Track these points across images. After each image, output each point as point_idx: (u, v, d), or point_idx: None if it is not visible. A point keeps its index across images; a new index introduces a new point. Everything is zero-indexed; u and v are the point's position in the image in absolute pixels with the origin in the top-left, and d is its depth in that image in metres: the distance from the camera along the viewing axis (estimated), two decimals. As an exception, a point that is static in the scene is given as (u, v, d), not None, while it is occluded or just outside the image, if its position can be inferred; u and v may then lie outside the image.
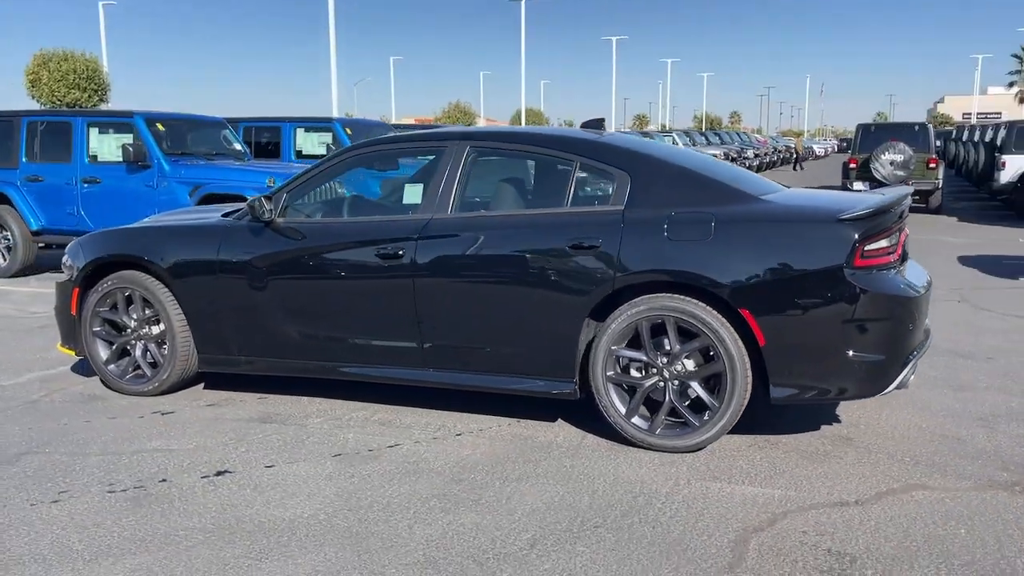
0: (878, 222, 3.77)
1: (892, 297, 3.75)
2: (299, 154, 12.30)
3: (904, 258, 4.20)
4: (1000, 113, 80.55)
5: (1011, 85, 61.67)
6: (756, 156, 36.04)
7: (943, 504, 3.42)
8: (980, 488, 3.58)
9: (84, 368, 5.52)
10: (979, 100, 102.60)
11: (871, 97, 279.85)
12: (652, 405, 4.07)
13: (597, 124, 4.84)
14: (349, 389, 4.96)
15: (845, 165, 17.89)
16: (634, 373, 4.07)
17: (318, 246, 4.50)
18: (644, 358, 3.99)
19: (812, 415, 4.47)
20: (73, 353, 5.24)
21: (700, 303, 3.85)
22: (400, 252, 4.29)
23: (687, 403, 3.99)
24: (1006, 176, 16.13)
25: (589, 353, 4.08)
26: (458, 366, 4.34)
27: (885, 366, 3.77)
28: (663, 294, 3.91)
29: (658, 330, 3.96)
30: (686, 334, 3.91)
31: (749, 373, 3.83)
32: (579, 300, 4.02)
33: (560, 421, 4.47)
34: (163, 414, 4.72)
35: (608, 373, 4.04)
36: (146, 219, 5.69)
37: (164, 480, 3.79)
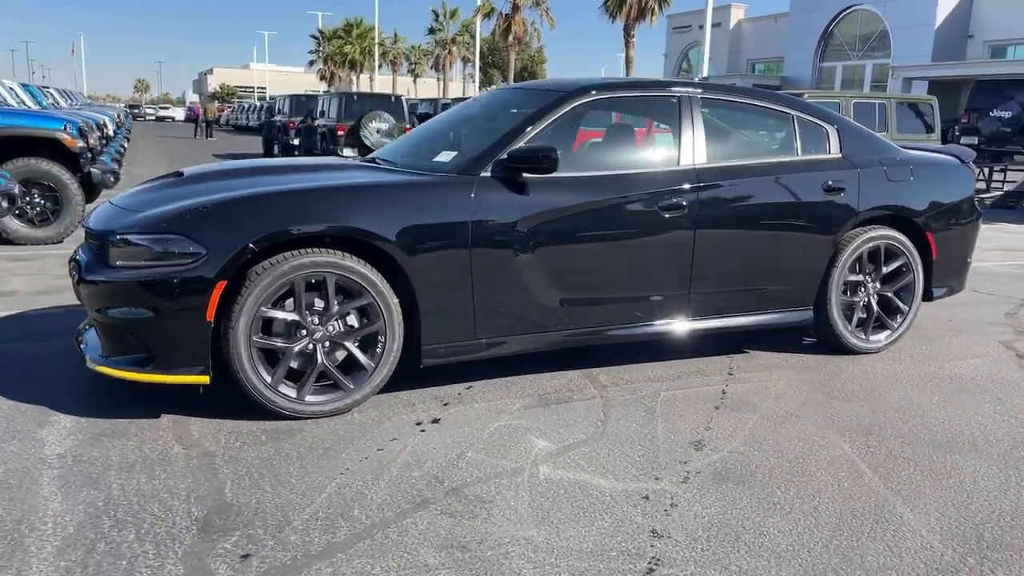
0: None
1: (980, 218, 5.39)
2: None
3: None
4: (265, 87, 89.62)
5: (311, 64, 68.55)
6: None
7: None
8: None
9: (156, 401, 3.78)
10: (245, 73, 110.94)
11: (141, 63, 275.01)
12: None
13: None
14: (498, 364, 4.43)
15: (332, 131, 18.83)
16: (844, 294, 4.89)
17: (592, 201, 4.13)
18: (862, 279, 4.89)
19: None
20: (187, 380, 3.59)
21: (899, 231, 4.92)
22: (683, 203, 4.30)
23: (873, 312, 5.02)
24: None
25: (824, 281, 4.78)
26: (715, 311, 4.54)
27: (969, 269, 5.42)
28: (879, 226, 4.85)
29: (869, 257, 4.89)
30: (889, 257, 4.93)
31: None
32: (829, 236, 4.69)
33: (752, 352, 5.00)
34: (433, 422, 3.75)
35: (841, 297, 4.82)
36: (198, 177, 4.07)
37: (685, 462, 3.36)
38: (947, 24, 40.16)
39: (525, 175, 3.98)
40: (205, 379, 3.58)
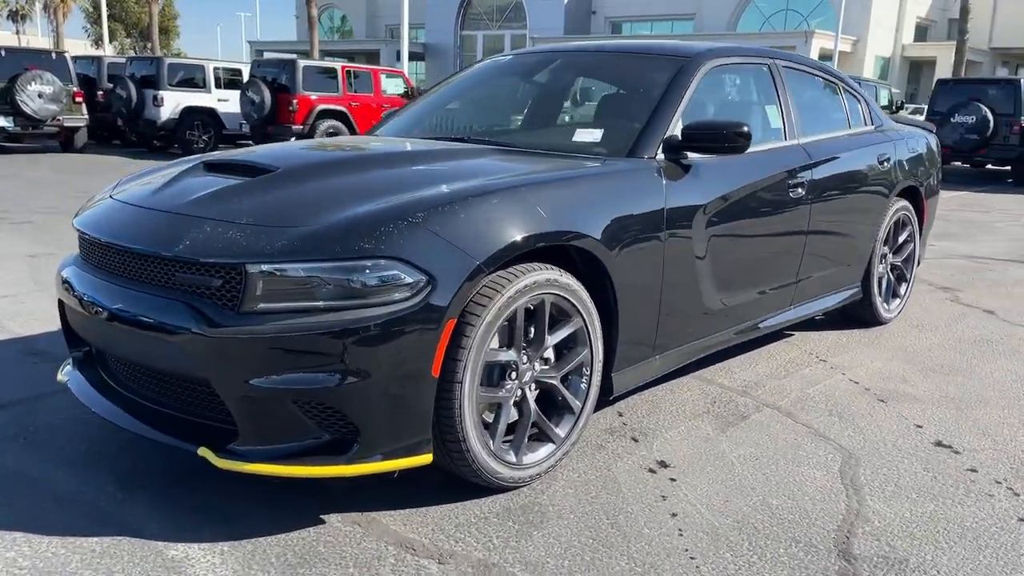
0: (925, 133, 5.66)
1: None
2: None
3: None
4: None
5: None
6: None
7: None
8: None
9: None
10: None
11: None
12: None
13: None
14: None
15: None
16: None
17: (751, 183, 3.67)
18: (887, 251, 4.96)
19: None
20: (408, 464, 2.55)
21: (909, 201, 5.06)
22: (803, 181, 4.01)
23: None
24: (166, 113, 16.47)
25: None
26: (806, 296, 4.32)
27: (927, 236, 5.78)
28: (899, 198, 4.94)
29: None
30: (903, 227, 5.05)
31: (919, 246, 5.31)
32: (882, 210, 4.68)
33: (799, 334, 4.86)
34: (661, 465, 3.09)
35: (878, 268, 4.85)
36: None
37: (973, 469, 3.10)
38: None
39: (691, 155, 3.38)
40: (428, 458, 2.56)
